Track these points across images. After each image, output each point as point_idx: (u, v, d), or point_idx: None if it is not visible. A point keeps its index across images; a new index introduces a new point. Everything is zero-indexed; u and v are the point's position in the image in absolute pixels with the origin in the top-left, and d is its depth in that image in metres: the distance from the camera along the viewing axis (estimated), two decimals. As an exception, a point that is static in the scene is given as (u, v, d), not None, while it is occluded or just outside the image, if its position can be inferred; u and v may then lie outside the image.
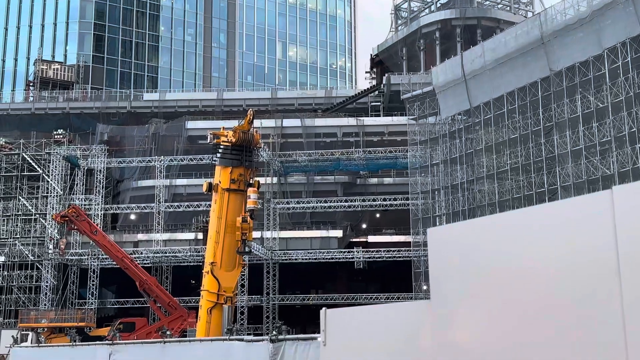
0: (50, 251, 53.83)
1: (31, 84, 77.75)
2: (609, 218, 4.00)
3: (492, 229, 5.14)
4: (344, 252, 54.44)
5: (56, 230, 54.93)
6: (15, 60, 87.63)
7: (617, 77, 36.82)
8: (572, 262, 4.45)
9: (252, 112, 32.86)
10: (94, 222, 48.95)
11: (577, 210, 4.43)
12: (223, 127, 33.13)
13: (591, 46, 38.27)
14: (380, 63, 77.50)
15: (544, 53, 41.12)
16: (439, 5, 74.95)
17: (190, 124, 62.13)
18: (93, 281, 53.57)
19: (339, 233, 57.13)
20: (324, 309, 8.08)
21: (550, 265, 4.60)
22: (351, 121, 62.38)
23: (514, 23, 57.61)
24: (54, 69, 78.42)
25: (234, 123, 38.84)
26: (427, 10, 76.15)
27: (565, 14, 39.55)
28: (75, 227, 45.26)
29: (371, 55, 79.60)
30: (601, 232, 4.13)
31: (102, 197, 56.93)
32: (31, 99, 74.39)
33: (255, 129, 33.35)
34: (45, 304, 53.02)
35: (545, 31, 40.61)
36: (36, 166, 58.31)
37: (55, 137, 60.03)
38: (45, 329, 47.59)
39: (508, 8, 73.83)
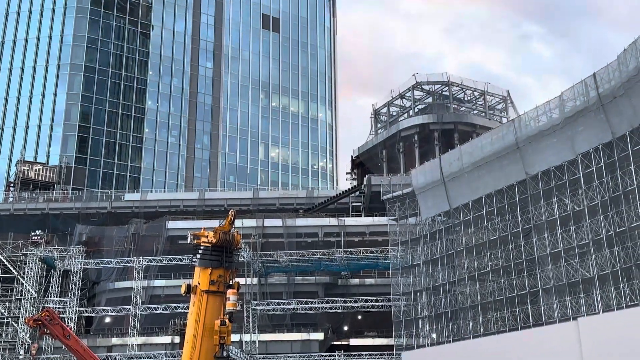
0: (20, 357, 51.72)
1: (12, 185, 77.48)
2: (576, 347, 4.00)
3: (465, 355, 5.08)
4: (325, 357, 53.08)
5: (28, 335, 53.08)
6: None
7: (591, 182, 37.53)
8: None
9: (233, 212, 32.88)
10: (67, 326, 47.44)
11: (545, 339, 4.42)
12: (204, 228, 33.02)
13: (565, 151, 39.29)
14: (361, 164, 79.07)
15: (519, 157, 42.12)
16: (417, 110, 77.48)
17: (171, 224, 61.88)
18: (63, 388, 51.27)
19: (320, 336, 55.91)
20: None
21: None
22: (332, 221, 62.64)
23: (489, 128, 59.63)
24: (35, 170, 78.49)
25: (215, 223, 38.77)
26: (405, 115, 78.63)
27: (539, 120, 40.87)
28: (48, 331, 43.78)
29: (352, 156, 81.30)
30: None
31: (77, 299, 55.56)
32: (11, 199, 73.92)
33: (236, 229, 33.25)
34: (11, 414, 50.39)
35: (520, 136, 41.80)
36: (11, 268, 57.10)
37: (33, 237, 59.22)
38: None
39: (483, 114, 76.56)
